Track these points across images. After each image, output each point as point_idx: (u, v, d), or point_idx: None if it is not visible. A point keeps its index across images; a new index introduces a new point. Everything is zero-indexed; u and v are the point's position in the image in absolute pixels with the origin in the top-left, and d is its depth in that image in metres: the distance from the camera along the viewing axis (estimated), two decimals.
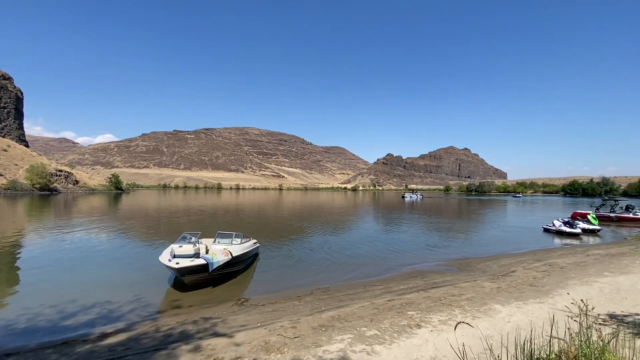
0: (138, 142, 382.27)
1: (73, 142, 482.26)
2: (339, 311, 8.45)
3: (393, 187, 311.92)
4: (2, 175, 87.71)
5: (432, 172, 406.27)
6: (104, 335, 6.98)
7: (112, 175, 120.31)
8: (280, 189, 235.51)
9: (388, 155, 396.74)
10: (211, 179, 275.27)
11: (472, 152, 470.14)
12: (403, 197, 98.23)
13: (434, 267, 14.07)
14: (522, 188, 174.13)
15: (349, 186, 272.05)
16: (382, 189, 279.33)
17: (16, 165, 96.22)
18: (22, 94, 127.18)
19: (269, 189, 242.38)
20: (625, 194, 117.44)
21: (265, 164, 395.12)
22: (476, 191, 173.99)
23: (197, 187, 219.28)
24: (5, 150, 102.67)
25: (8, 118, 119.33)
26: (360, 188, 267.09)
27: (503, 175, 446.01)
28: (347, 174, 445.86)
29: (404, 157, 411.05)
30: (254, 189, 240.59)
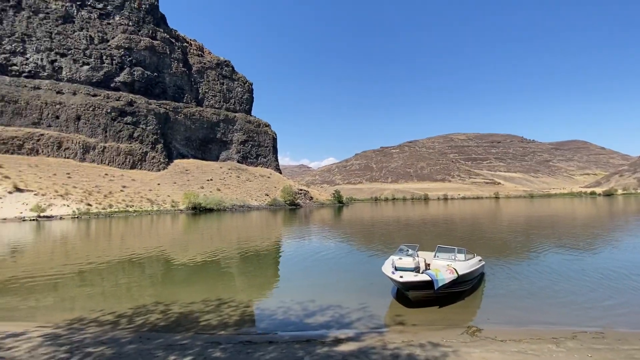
0: (352, 161, 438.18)
1: (307, 167, 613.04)
2: None
3: None
4: (267, 195, 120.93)
5: None
6: (338, 341, 7.35)
7: (335, 191, 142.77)
8: (497, 198, 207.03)
9: None
10: (417, 189, 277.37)
11: None
12: None
13: None
14: None
15: (598, 190, 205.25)
16: None
17: (275, 187, 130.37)
18: (276, 135, 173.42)
19: (481, 197, 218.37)
20: None
21: (475, 170, 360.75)
22: None
23: (404, 199, 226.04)
24: (269, 177, 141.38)
25: (268, 154, 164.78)
26: (620, 192, 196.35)
27: None
28: (594, 174, 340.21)
29: None
30: (463, 198, 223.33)
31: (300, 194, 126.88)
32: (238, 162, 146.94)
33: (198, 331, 7.22)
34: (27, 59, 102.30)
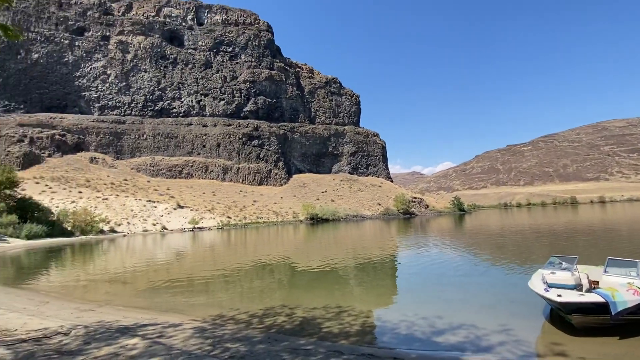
0: (472, 164, 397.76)
1: (420, 174, 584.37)
2: None
3: None
4: (380, 204, 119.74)
5: None
6: None
7: (454, 197, 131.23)
8: None
9: None
10: (560, 192, 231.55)
11: None
12: None
13: None
14: None
15: None
16: None
17: (387, 196, 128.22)
18: (385, 143, 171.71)
19: None
20: None
21: None
22: None
23: (543, 204, 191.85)
24: (380, 186, 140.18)
25: (378, 163, 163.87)
26: None
27: None
28: None
29: None
30: (630, 200, 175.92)
31: (415, 202, 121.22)
32: (349, 173, 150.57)
33: (320, 337, 7.19)
34: (182, 102, 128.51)
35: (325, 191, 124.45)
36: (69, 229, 53.32)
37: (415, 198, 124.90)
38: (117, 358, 5.62)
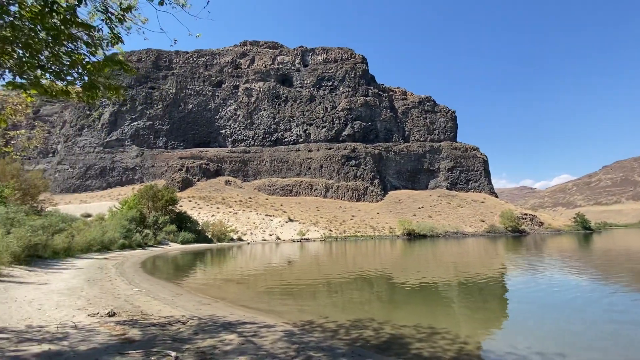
0: (599, 176, 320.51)
1: (531, 188, 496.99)
2: None
3: None
4: (483, 222, 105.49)
5: None
6: None
7: (577, 214, 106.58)
8: None
9: None
10: None
11: None
12: None
13: None
14: None
15: None
16: None
17: (491, 212, 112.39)
18: (486, 157, 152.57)
19: None
20: None
21: None
22: None
23: None
24: (482, 202, 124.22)
25: (480, 178, 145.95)
26: None
27: None
28: None
29: None
30: None
31: (525, 219, 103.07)
32: (447, 189, 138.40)
33: (407, 359, 6.08)
34: (292, 132, 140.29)
35: (422, 207, 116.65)
36: (209, 236, 62.38)
37: (525, 215, 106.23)
38: (214, 351, 5.71)
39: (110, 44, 4.37)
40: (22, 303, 8.78)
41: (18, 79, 4.39)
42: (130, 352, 5.38)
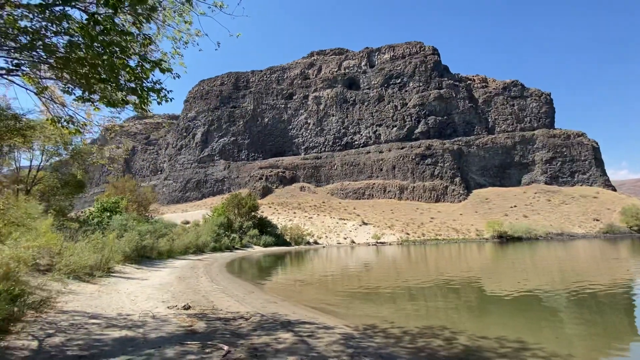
0: None
1: None
2: None
3: None
4: (597, 220, 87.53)
5: None
6: None
7: None
8: None
9: None
10: None
11: None
12: None
13: None
14: None
15: None
16: None
17: (608, 209, 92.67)
18: (597, 143, 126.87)
19: None
20: None
21: None
22: None
23: None
24: (595, 197, 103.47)
25: (590, 168, 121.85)
26: None
27: None
28: None
29: None
30: None
31: None
32: (545, 183, 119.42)
33: None
34: (361, 134, 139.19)
35: (515, 206, 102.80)
36: (287, 240, 65.52)
37: None
38: (266, 348, 5.59)
39: (142, 45, 4.72)
40: (122, 294, 10.24)
41: (87, 94, 5.05)
42: (189, 342, 5.63)
